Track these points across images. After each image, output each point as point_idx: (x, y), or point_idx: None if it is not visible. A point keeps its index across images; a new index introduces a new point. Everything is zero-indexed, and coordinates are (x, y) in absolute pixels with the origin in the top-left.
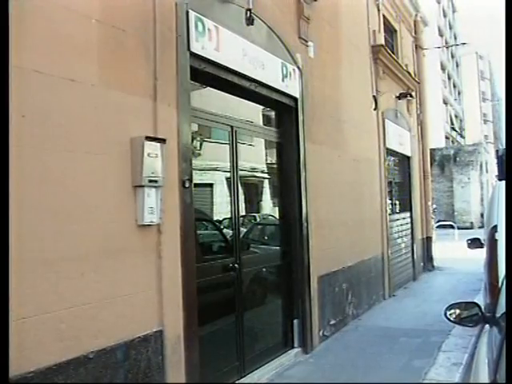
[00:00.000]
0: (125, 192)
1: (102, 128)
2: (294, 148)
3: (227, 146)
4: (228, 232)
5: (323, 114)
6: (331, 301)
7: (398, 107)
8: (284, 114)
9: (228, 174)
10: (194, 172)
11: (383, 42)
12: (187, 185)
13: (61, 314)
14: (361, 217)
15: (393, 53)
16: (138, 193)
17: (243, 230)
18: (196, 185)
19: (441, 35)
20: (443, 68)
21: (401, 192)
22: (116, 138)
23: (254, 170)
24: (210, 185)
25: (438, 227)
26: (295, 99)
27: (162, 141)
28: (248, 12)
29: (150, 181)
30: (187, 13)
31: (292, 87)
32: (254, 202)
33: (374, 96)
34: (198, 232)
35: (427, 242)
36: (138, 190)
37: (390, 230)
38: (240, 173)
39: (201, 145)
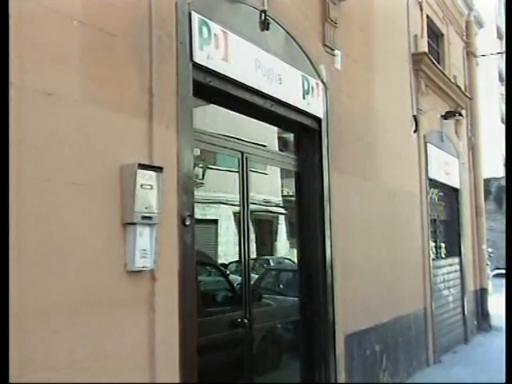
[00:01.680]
0: (112, 231)
1: (86, 153)
2: (316, 178)
3: (236, 175)
4: (236, 279)
5: (352, 138)
6: (361, 366)
7: (443, 129)
8: (305, 138)
9: (236, 209)
10: (195, 206)
11: (426, 49)
12: (188, 222)
13: (24, 380)
14: (397, 262)
15: (438, 62)
16: (128, 232)
17: (254, 276)
18: (198, 221)
19: (499, 38)
20: (502, 79)
21: (447, 232)
22: (103, 165)
23: (267, 203)
24: (215, 221)
25: (494, 276)
26: (318, 120)
27: (158, 169)
28: (263, 14)
29: (144, 217)
30: (190, 15)
31: (315, 105)
32: (267, 242)
33: (414, 116)
34: (200, 279)
35: (481, 294)
36: (129, 229)
37: (434, 278)
38: (251, 207)
39: (204, 173)
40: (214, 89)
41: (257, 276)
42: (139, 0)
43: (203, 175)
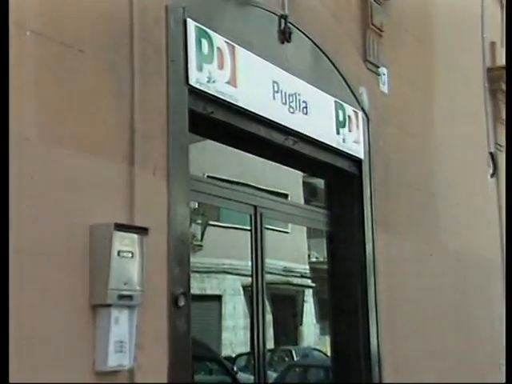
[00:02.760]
0: (76, 316)
1: (43, 208)
2: (355, 240)
3: (247, 235)
4: (247, 378)
5: (404, 185)
6: None
7: None
8: (339, 186)
9: (247, 280)
10: (192, 277)
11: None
12: (182, 302)
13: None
14: (474, 360)
15: None
16: (99, 317)
17: (272, 374)
18: (195, 297)
19: None
20: None
21: None
22: (65, 225)
23: (289, 272)
24: (218, 297)
25: None
26: (358, 161)
27: (141, 231)
28: (283, 21)
29: (121, 297)
30: (185, 23)
31: (353, 142)
32: (289, 326)
33: (490, 153)
34: (197, 378)
35: None
36: (101, 313)
37: None
38: (267, 278)
39: (204, 232)
40: (217, 122)
41: (275, 375)
42: (116, 4)
43: (202, 235)
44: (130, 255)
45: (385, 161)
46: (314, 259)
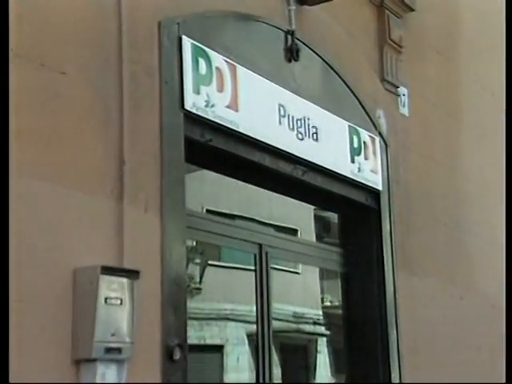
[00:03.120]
0: (57, 372)
1: (19, 250)
2: (373, 282)
3: (251, 277)
4: None
5: (429, 219)
6: None
7: None
8: (355, 221)
9: (252, 328)
10: (190, 325)
11: None
12: (177, 355)
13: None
14: None
15: None
16: (83, 373)
17: None
18: (193, 348)
19: None
20: None
21: None
22: (45, 268)
23: (299, 319)
24: (219, 348)
25: None
26: (375, 193)
27: (131, 274)
28: (289, 37)
29: (109, 350)
30: (180, 40)
31: (369, 171)
32: (300, 380)
33: None
34: None
35: None
36: (85, 369)
37: None
38: (274, 325)
39: (203, 274)
40: (216, 150)
41: None
42: (102, 19)
43: (201, 277)
44: (119, 302)
45: (406, 192)
46: (327, 303)
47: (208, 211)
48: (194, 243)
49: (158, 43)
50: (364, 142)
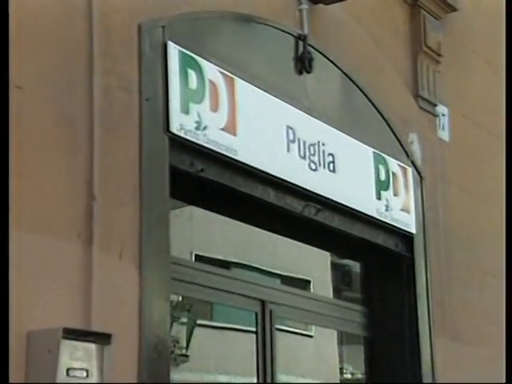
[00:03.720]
0: None
1: None
2: (405, 347)
3: (251, 341)
4: None
5: (474, 271)
6: None
7: None
8: (382, 272)
9: None
10: None
11: None
12: None
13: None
14: None
15: None
16: None
17: None
18: None
19: None
20: None
21: None
22: None
23: None
24: None
25: None
26: (408, 237)
27: (101, 338)
28: (301, 44)
29: None
30: (165, 47)
31: (400, 210)
32: None
33: None
34: None
35: None
36: None
37: None
38: None
39: (190, 337)
40: (209, 183)
41: None
42: (68, 21)
43: (188, 341)
44: (85, 374)
45: (446, 236)
46: (348, 375)
47: (198, 258)
48: (180, 298)
49: (137, 50)
50: (393, 174)
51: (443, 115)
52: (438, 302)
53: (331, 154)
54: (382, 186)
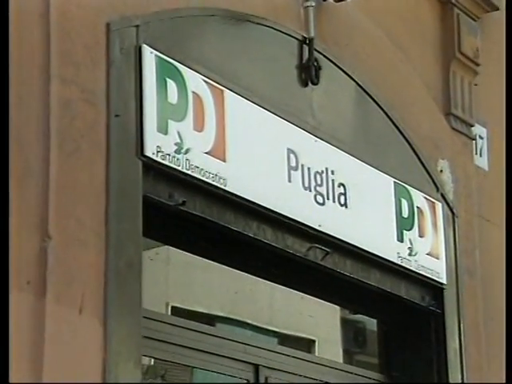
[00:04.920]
0: None
1: None
2: None
3: None
4: None
5: None
6: None
7: None
8: (404, 331)
9: None
10: None
11: None
12: None
13: None
14: None
15: None
16: None
17: None
18: None
19: None
20: None
21: None
22: None
23: None
24: None
25: None
26: (437, 288)
27: None
28: (306, 48)
29: None
30: (139, 51)
31: (427, 255)
32: None
33: None
34: None
35: None
36: None
37: None
38: None
39: None
40: (191, 218)
41: None
42: (20, 20)
43: None
44: None
45: (484, 287)
46: None
47: (176, 311)
48: (153, 362)
49: (105, 56)
50: (418, 209)
51: (481, 138)
52: (475, 369)
53: (342, 185)
54: (404, 224)
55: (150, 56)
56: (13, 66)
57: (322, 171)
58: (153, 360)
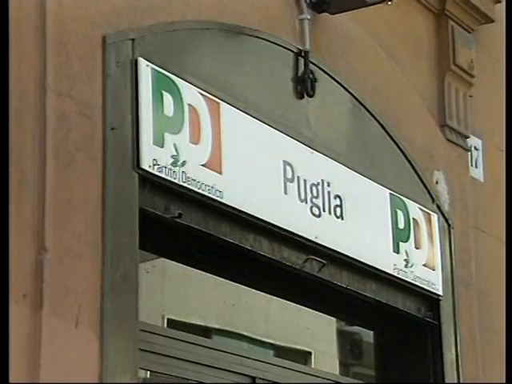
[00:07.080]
0: None
1: None
2: None
3: None
4: None
5: None
6: None
7: None
8: (401, 342)
9: None
10: None
11: None
12: None
13: None
14: None
15: None
16: None
17: None
18: None
19: None
20: None
21: None
22: None
23: None
24: None
25: None
26: (433, 300)
27: None
28: (301, 61)
29: None
30: (135, 64)
31: (422, 266)
32: None
33: None
34: None
35: None
36: None
37: None
38: None
39: None
40: (187, 231)
41: None
42: (15, 31)
43: None
44: None
45: (480, 299)
46: None
47: (172, 324)
48: (148, 375)
49: (100, 69)
50: (414, 221)
51: (476, 149)
52: (471, 380)
53: (338, 197)
54: (400, 236)
55: (145, 69)
56: (9, 78)
57: (318, 183)
58: (149, 373)
